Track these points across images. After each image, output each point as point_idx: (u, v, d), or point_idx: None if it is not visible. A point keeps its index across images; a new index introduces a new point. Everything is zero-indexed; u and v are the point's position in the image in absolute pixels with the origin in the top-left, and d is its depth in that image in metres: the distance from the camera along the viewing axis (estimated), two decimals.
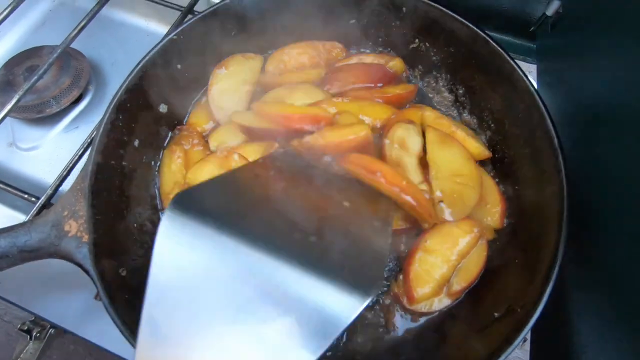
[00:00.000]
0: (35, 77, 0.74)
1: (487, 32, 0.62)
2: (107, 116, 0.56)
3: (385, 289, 0.59)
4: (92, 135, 0.67)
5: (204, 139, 0.67)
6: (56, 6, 0.98)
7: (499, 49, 0.61)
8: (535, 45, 0.81)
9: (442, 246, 0.55)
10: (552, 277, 0.47)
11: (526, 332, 0.46)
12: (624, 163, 0.52)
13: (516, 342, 0.46)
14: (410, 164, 0.62)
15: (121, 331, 0.46)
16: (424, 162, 0.62)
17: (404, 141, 0.62)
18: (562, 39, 0.74)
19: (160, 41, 0.63)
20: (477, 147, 0.63)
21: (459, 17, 0.63)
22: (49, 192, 0.64)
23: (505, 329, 0.48)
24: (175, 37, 0.64)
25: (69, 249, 0.48)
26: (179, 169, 0.59)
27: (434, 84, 0.72)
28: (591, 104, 0.62)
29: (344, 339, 0.57)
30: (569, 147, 0.57)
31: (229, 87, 0.67)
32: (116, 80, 0.87)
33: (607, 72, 0.59)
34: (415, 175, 0.61)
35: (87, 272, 0.48)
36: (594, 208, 0.57)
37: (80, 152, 0.68)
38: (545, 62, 0.79)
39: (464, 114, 0.70)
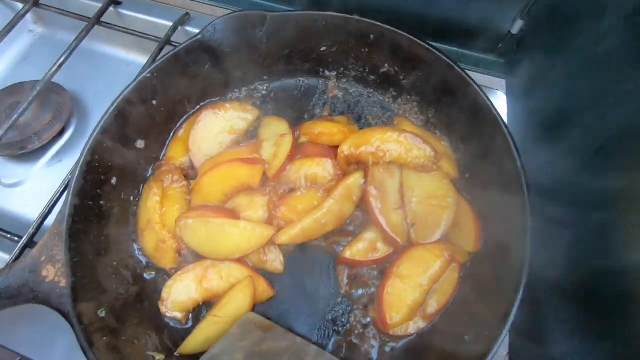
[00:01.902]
0: (16, 116, 0.75)
1: (456, 49, 0.64)
2: (82, 158, 0.58)
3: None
4: (71, 175, 0.68)
5: (183, 173, 0.68)
6: (37, 40, 1.00)
7: (463, 74, 0.63)
8: (503, 61, 0.83)
9: (414, 271, 0.56)
10: (516, 301, 0.49)
11: (492, 356, 0.47)
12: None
13: None
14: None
15: None
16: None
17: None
18: (527, 54, 0.76)
19: (134, 80, 0.64)
20: (448, 167, 0.65)
21: (422, 43, 0.65)
22: (31, 231, 0.66)
23: (475, 352, 0.49)
24: (148, 74, 0.65)
25: (47, 294, 0.49)
26: (154, 206, 0.60)
27: (405, 106, 0.74)
28: (555, 114, 0.64)
29: None
30: (533, 152, 0.58)
31: (214, 129, 0.68)
32: (98, 112, 0.88)
33: (565, 85, 0.62)
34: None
35: (65, 317, 0.49)
36: (560, 219, 0.58)
37: (61, 189, 0.69)
38: (513, 76, 0.81)
39: (436, 134, 0.72)
